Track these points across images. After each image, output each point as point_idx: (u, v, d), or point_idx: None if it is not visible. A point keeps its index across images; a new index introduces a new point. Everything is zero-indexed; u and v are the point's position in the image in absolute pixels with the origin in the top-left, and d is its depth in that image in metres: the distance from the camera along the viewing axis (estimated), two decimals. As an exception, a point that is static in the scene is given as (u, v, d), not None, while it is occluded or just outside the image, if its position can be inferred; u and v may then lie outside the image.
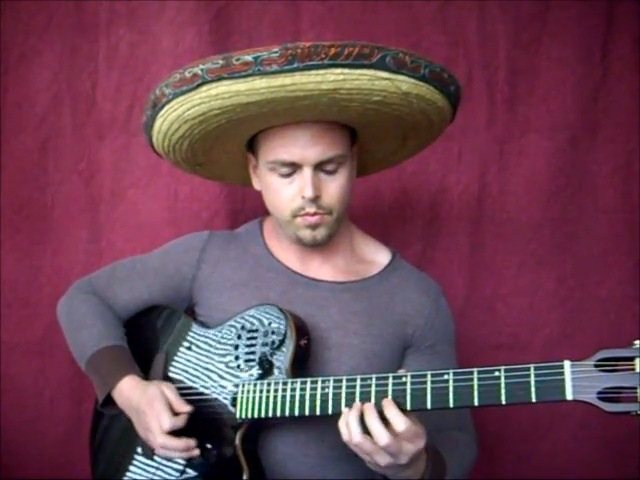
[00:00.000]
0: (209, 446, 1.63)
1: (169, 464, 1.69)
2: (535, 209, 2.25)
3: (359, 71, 1.40)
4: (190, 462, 1.66)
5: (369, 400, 1.43)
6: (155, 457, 1.71)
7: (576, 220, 2.25)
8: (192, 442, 1.59)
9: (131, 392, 1.66)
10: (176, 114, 1.54)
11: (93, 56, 2.25)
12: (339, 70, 1.39)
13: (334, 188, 1.62)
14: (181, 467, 1.67)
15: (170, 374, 1.76)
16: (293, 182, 1.62)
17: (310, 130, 1.57)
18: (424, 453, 1.46)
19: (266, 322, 1.63)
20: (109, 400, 1.70)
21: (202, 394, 1.67)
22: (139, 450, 1.75)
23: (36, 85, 2.25)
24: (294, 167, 1.60)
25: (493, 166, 2.26)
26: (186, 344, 1.76)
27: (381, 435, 1.37)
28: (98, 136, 2.28)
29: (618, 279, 2.24)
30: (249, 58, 1.39)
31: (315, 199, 1.60)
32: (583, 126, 2.23)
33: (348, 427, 1.41)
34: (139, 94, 2.22)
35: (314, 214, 1.62)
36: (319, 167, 1.60)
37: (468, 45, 2.23)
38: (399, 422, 1.37)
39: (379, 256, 1.82)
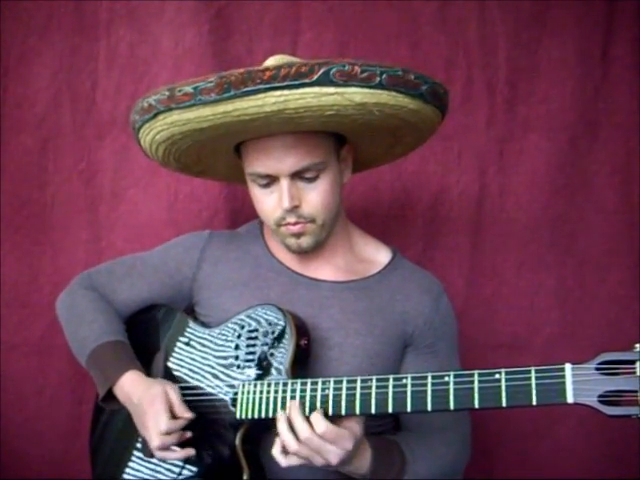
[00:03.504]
0: (208, 448, 1.64)
1: (167, 463, 1.70)
2: (535, 209, 2.25)
3: (301, 90, 1.38)
4: (189, 460, 1.66)
5: (369, 402, 1.43)
6: (153, 456, 1.71)
7: (576, 220, 2.25)
8: (192, 451, 1.61)
9: (133, 388, 1.66)
10: (149, 137, 1.58)
11: (93, 56, 2.25)
12: (278, 92, 1.38)
13: (315, 196, 1.61)
14: (180, 465, 1.68)
15: (169, 373, 1.76)
16: (273, 193, 1.62)
17: (284, 140, 1.56)
18: (368, 452, 1.55)
19: (266, 322, 1.63)
20: (110, 395, 1.71)
21: (202, 394, 1.67)
22: (138, 447, 1.76)
23: (36, 85, 2.25)
24: (272, 178, 1.60)
25: (493, 166, 2.26)
26: (184, 343, 1.77)
27: (301, 429, 1.44)
28: (98, 136, 2.28)
29: (618, 279, 2.24)
30: (189, 89, 1.41)
31: (294, 209, 1.60)
32: (583, 126, 2.22)
33: (284, 438, 1.47)
34: (139, 94, 2.18)
35: (295, 223, 1.62)
36: (297, 176, 1.59)
37: (468, 45, 2.23)
38: (319, 424, 1.44)
39: (379, 255, 1.81)
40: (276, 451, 1.48)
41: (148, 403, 1.61)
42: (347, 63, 1.38)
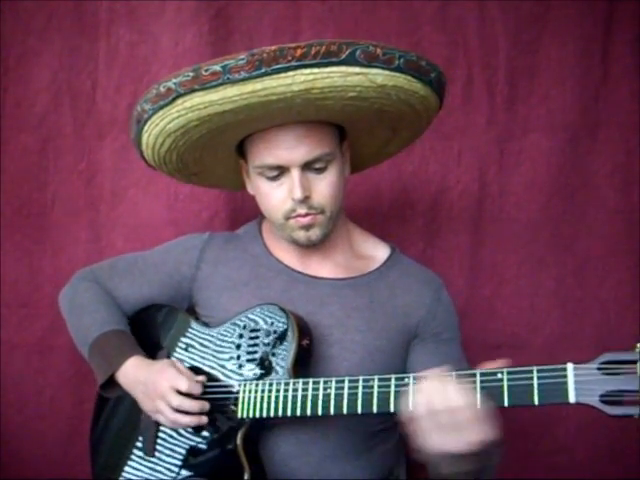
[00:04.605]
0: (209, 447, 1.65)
1: (167, 462, 1.70)
2: (535, 209, 2.25)
3: (329, 69, 1.40)
4: (189, 459, 1.66)
5: (371, 401, 1.43)
6: (154, 455, 1.72)
7: (576, 220, 2.25)
8: (207, 405, 1.61)
9: (138, 370, 1.67)
10: (159, 128, 1.56)
11: (93, 56, 2.25)
12: (308, 70, 1.39)
13: (324, 186, 1.62)
14: (179, 465, 1.67)
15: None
16: (282, 184, 1.62)
17: (294, 131, 1.57)
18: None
19: (268, 322, 1.63)
20: (111, 383, 1.72)
21: (203, 393, 1.66)
22: (138, 445, 1.76)
23: (36, 85, 2.25)
24: (281, 169, 1.60)
25: (493, 166, 2.26)
26: (186, 342, 1.77)
27: (454, 398, 1.31)
28: (98, 136, 2.28)
29: (618, 279, 2.24)
30: (217, 68, 1.40)
31: (305, 199, 1.60)
32: (583, 126, 2.22)
33: (431, 393, 1.33)
34: (139, 94, 2.15)
35: (306, 215, 1.63)
36: (307, 167, 1.60)
37: (468, 45, 2.23)
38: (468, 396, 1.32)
39: (378, 251, 1.82)
40: (421, 403, 1.34)
41: (158, 373, 1.63)
42: (370, 44, 1.41)
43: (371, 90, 1.46)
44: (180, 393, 1.59)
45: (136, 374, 1.67)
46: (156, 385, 1.61)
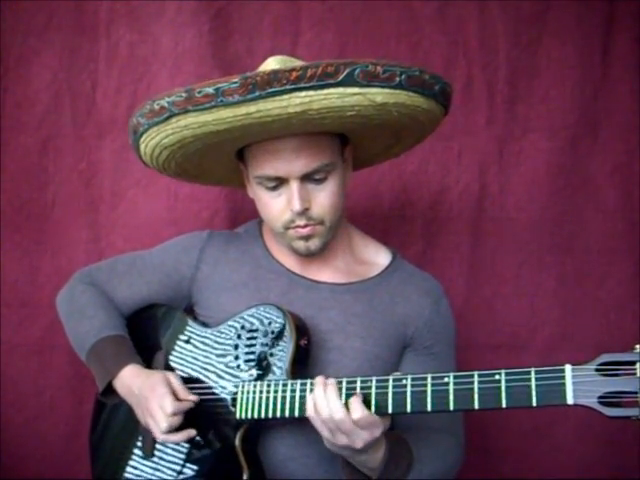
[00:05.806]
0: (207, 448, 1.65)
1: (168, 463, 1.70)
2: (535, 209, 2.25)
3: (326, 91, 1.38)
4: (189, 460, 1.66)
5: (369, 402, 1.43)
6: (154, 456, 1.72)
7: (576, 220, 2.25)
8: (193, 432, 1.62)
9: (133, 380, 1.67)
10: (154, 142, 1.56)
11: (93, 56, 2.25)
12: (304, 93, 1.37)
13: (324, 197, 1.61)
14: (179, 466, 1.68)
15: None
16: (281, 195, 1.61)
17: (293, 142, 1.55)
18: (383, 444, 1.50)
19: (266, 322, 1.62)
20: (110, 389, 1.71)
21: (202, 394, 1.66)
22: (138, 445, 1.76)
23: (36, 85, 2.25)
24: (280, 180, 1.59)
25: (493, 166, 2.26)
26: (184, 342, 1.77)
27: (337, 409, 1.42)
28: (98, 136, 2.28)
29: (618, 279, 2.24)
30: (210, 90, 1.39)
31: (304, 211, 1.59)
32: (583, 126, 2.23)
33: (316, 402, 1.44)
34: (139, 94, 2.22)
35: (305, 226, 1.61)
36: (306, 178, 1.58)
37: (468, 45, 2.23)
38: (356, 410, 1.41)
39: (379, 257, 1.80)
40: (310, 410, 1.47)
41: (149, 390, 1.62)
42: (370, 63, 1.39)
43: (370, 108, 1.44)
44: None
45: (130, 384, 1.67)
46: (147, 402, 1.62)
